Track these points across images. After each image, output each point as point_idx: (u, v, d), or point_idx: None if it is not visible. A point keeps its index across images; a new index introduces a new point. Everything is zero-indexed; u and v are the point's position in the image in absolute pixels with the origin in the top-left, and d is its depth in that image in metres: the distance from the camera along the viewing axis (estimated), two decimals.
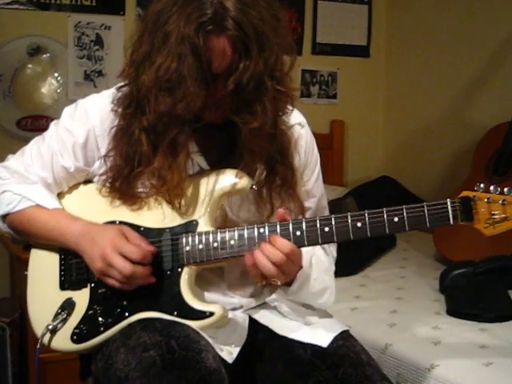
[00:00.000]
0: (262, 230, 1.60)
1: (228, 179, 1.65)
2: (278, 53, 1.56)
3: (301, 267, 1.66)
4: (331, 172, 4.33)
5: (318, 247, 1.81)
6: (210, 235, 1.63)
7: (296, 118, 1.77)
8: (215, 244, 1.62)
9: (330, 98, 4.43)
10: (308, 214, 1.79)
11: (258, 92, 1.53)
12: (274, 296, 1.75)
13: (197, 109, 1.52)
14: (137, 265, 1.58)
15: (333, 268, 1.87)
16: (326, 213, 1.90)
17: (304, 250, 1.65)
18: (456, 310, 2.54)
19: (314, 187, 1.84)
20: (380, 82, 4.62)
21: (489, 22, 3.83)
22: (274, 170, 1.69)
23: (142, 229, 1.68)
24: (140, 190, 1.67)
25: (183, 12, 1.48)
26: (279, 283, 1.64)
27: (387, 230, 1.55)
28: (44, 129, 1.81)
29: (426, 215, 1.53)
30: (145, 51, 1.55)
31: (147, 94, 1.55)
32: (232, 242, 1.61)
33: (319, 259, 1.78)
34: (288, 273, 1.60)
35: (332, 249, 1.90)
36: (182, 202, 1.64)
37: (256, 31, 1.49)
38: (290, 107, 1.69)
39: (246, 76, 1.49)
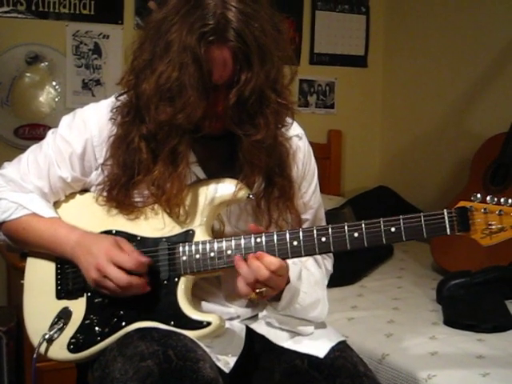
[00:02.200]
0: (258, 240, 1.59)
1: (225, 188, 1.65)
2: (279, 65, 1.56)
3: (288, 281, 1.65)
4: (328, 182, 4.32)
5: (310, 261, 1.81)
6: (207, 245, 1.62)
7: (294, 130, 1.77)
8: (212, 254, 1.62)
9: (327, 108, 4.44)
10: (305, 226, 1.79)
11: (261, 104, 1.53)
12: (264, 312, 1.75)
13: (197, 119, 1.52)
14: (132, 275, 1.58)
15: (325, 281, 1.86)
16: (323, 224, 1.88)
17: (291, 262, 1.65)
18: (453, 320, 2.54)
19: (311, 199, 1.84)
20: (377, 91, 4.63)
21: (486, 33, 3.84)
22: (273, 181, 1.69)
23: (138, 238, 1.68)
24: (137, 199, 1.67)
25: (186, 21, 1.48)
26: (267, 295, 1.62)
27: (384, 240, 1.55)
28: (42, 137, 1.80)
29: (423, 225, 1.54)
30: (146, 59, 1.55)
31: (148, 102, 1.54)
32: (229, 252, 1.60)
33: (310, 272, 1.77)
34: (275, 286, 1.59)
35: (326, 262, 1.89)
36: (181, 212, 1.64)
37: (258, 43, 1.49)
38: (290, 120, 1.69)
39: (247, 88, 1.49)
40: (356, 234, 1.56)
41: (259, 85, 1.50)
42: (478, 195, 1.54)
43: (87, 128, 1.70)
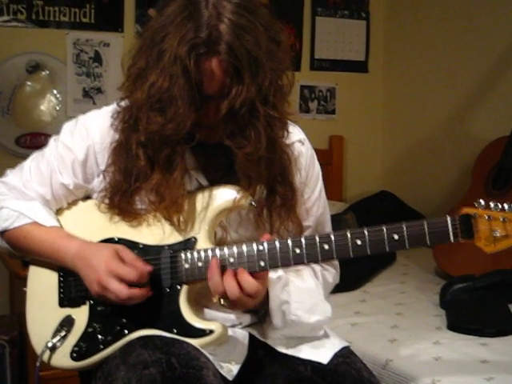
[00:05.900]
0: (261, 247, 1.58)
1: (227, 195, 1.64)
2: (273, 78, 1.54)
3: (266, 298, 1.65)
4: (330, 187, 4.32)
5: (307, 270, 1.79)
6: (209, 252, 1.62)
7: (296, 135, 1.76)
8: None
9: (328, 114, 4.44)
10: (308, 233, 1.78)
11: (251, 117, 1.52)
12: (271, 337, 1.74)
13: (186, 130, 1.52)
14: (133, 287, 1.57)
15: (321, 290, 1.81)
16: (328, 229, 1.88)
17: (275, 276, 1.64)
18: (457, 324, 2.54)
19: (314, 205, 1.82)
20: (378, 97, 4.63)
21: (486, 37, 3.84)
22: (275, 190, 1.68)
23: (140, 246, 1.67)
24: (139, 206, 1.67)
25: (179, 32, 1.47)
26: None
27: (387, 247, 1.54)
28: (43, 146, 1.80)
29: (427, 233, 1.52)
30: (140, 67, 1.55)
31: (139, 111, 1.55)
32: (231, 260, 1.60)
33: (302, 280, 1.75)
34: (240, 306, 1.58)
35: (327, 274, 1.86)
36: (181, 219, 1.63)
37: (249, 56, 1.47)
38: (291, 128, 1.68)
39: (238, 101, 1.48)
40: (359, 242, 1.54)
41: (250, 98, 1.49)
42: (482, 202, 1.52)
43: (89, 135, 1.70)
